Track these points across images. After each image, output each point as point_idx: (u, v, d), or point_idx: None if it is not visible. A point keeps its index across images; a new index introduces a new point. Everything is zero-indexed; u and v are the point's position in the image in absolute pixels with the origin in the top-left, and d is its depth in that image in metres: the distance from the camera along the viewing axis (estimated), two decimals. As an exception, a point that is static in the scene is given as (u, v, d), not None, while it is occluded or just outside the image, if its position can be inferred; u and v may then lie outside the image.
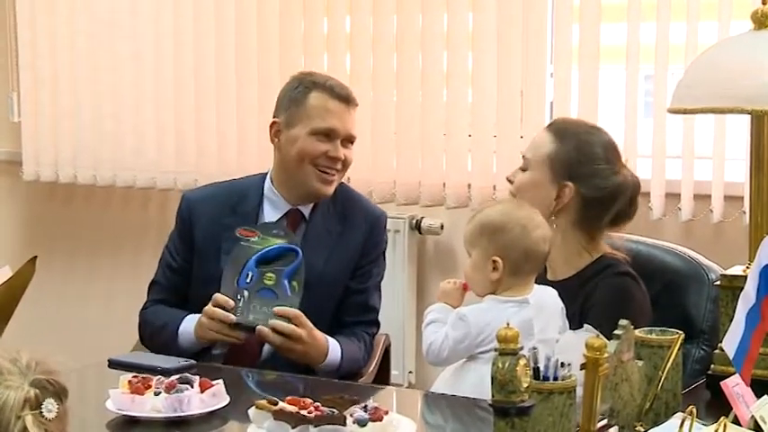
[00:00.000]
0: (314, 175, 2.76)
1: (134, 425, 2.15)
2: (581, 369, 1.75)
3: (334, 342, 2.70)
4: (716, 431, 1.76)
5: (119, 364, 2.51)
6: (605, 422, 1.87)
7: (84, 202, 4.56)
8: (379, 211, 2.91)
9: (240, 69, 4.06)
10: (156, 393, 2.17)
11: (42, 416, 1.43)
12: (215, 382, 2.22)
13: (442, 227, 3.90)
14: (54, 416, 1.44)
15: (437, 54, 3.77)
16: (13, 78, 4.54)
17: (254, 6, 4.04)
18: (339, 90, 2.77)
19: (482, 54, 3.70)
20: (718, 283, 2.35)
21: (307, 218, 2.81)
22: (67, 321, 4.49)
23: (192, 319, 2.70)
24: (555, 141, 2.56)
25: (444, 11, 3.74)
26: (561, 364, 1.85)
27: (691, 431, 1.72)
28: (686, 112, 2.37)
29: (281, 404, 2.03)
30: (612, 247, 2.59)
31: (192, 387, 2.19)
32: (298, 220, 2.81)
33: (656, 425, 1.94)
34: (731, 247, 3.16)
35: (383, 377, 2.90)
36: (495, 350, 1.78)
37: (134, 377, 2.21)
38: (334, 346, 2.69)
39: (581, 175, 2.53)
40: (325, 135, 2.75)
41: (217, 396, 2.20)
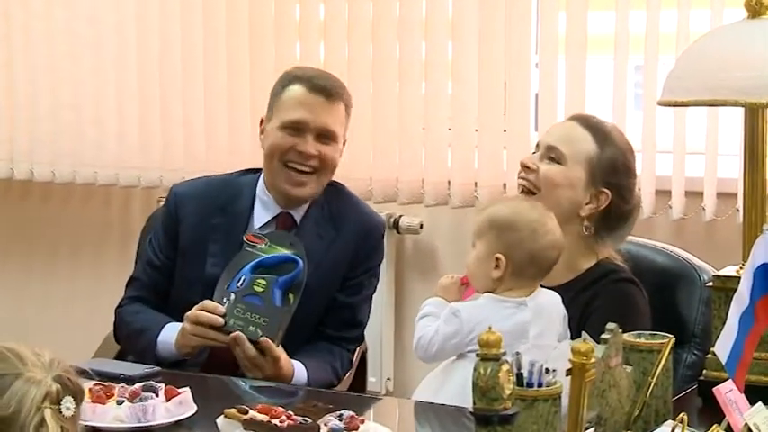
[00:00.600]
0: (283, 174, 2.71)
1: (95, 436, 2.14)
2: (567, 375, 1.76)
3: (300, 369, 2.63)
4: (708, 439, 1.78)
5: (79, 372, 2.50)
6: (592, 430, 1.88)
7: (42, 199, 4.53)
8: (375, 220, 2.85)
9: (208, 57, 4.04)
10: (119, 402, 2.16)
11: (60, 412, 1.47)
12: (181, 390, 2.21)
13: (421, 226, 3.90)
14: (71, 414, 1.49)
15: (415, 43, 3.77)
16: (-37, 66, 4.50)
17: (223, -8, 4.03)
18: (317, 81, 2.72)
19: (463, 43, 3.71)
20: (711, 284, 2.37)
21: (298, 223, 2.75)
22: (24, 325, 4.46)
23: (173, 328, 2.65)
24: (597, 143, 2.56)
25: (423, -3, 3.75)
26: (546, 370, 1.86)
27: (681, 440, 1.74)
28: (677, 104, 2.38)
29: (251, 413, 2.03)
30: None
31: (157, 395, 2.19)
32: (288, 224, 2.75)
33: (645, 433, 1.96)
34: (724, 246, 3.18)
35: (359, 384, 2.91)
36: (477, 355, 1.79)
37: (95, 385, 2.20)
38: (300, 375, 2.62)
39: (620, 186, 2.56)
40: (295, 128, 2.70)
41: (183, 404, 2.20)
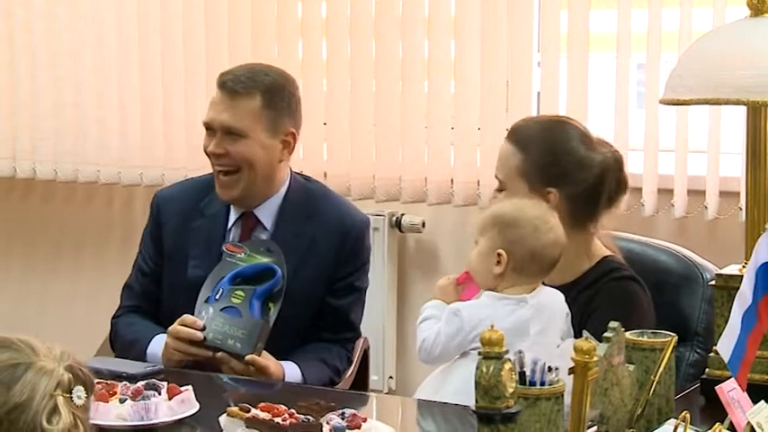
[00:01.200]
0: (216, 179, 2.71)
1: (98, 434, 2.15)
2: (569, 374, 1.77)
3: (292, 370, 2.63)
4: (710, 438, 1.78)
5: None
6: (595, 429, 1.88)
7: (44, 198, 4.54)
8: (357, 217, 2.80)
9: (210, 56, 4.04)
10: (122, 400, 2.17)
11: (72, 401, 1.51)
12: (184, 389, 2.22)
13: (423, 224, 3.90)
14: (82, 403, 1.52)
15: (418, 41, 3.78)
16: (-35, 64, 4.50)
17: (224, -10, 4.03)
18: (225, 79, 2.68)
19: (465, 41, 3.71)
20: (713, 282, 2.36)
21: (267, 224, 2.73)
22: (26, 323, 4.47)
23: (161, 340, 2.66)
24: (520, 151, 2.55)
25: (426, -5, 3.75)
26: (548, 369, 1.87)
27: (684, 438, 1.74)
28: (679, 103, 2.38)
29: (253, 411, 2.03)
30: (606, 246, 2.60)
31: (160, 393, 2.20)
32: (251, 224, 2.74)
33: (648, 431, 1.97)
34: (727, 245, 3.18)
35: (362, 382, 2.91)
36: (479, 353, 1.80)
37: (98, 383, 2.20)
38: (292, 376, 2.62)
39: (559, 176, 2.53)
40: (207, 129, 2.71)
41: (186, 403, 2.20)
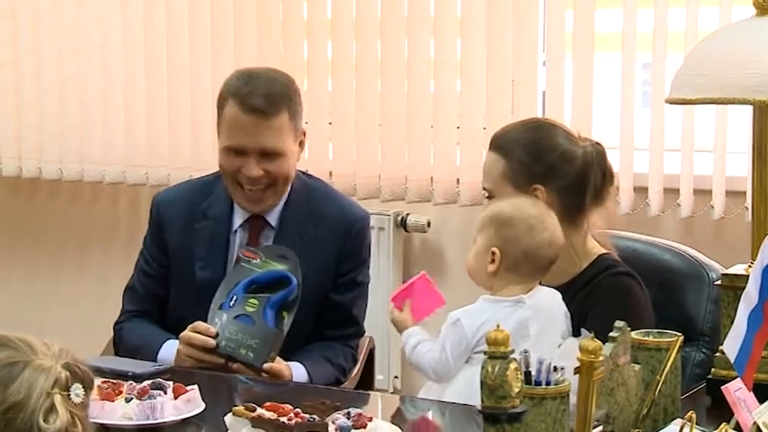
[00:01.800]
0: (239, 192, 2.70)
1: (104, 433, 2.15)
2: (575, 374, 1.77)
3: (299, 371, 2.64)
4: (716, 438, 1.78)
5: (87, 369, 2.52)
6: (600, 429, 1.88)
7: (49, 197, 4.54)
8: (358, 213, 2.81)
9: (215, 56, 4.05)
10: (128, 400, 2.17)
11: (69, 399, 1.52)
12: (189, 388, 2.23)
13: (428, 224, 3.91)
14: (80, 401, 1.53)
15: (424, 41, 3.78)
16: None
17: (230, -10, 4.04)
18: (251, 101, 2.62)
19: (471, 41, 3.71)
20: (719, 282, 2.36)
21: (273, 224, 2.74)
22: (31, 322, 4.48)
23: (172, 345, 2.65)
24: (501, 156, 2.56)
25: (431, -5, 3.75)
26: (554, 368, 1.87)
27: (690, 438, 1.74)
28: (685, 102, 2.38)
29: (259, 410, 2.03)
30: (601, 245, 2.60)
31: (166, 393, 2.20)
32: (260, 226, 2.74)
33: (654, 431, 1.97)
34: (733, 244, 3.18)
35: (367, 382, 2.91)
36: (485, 353, 1.80)
37: (104, 382, 2.21)
38: (299, 377, 2.62)
39: (544, 172, 2.54)
40: (236, 152, 2.66)
41: (191, 402, 2.21)
